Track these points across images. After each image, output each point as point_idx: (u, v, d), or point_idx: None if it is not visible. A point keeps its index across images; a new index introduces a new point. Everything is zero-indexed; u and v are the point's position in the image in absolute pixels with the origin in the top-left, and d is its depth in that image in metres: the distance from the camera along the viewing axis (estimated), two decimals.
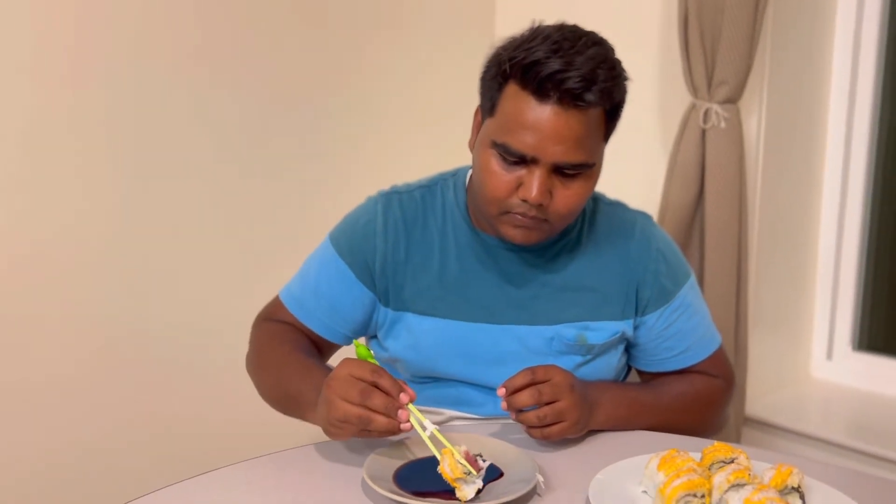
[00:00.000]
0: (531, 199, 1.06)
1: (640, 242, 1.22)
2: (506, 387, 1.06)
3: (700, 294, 1.30)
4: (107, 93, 1.61)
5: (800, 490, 0.93)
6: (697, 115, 1.72)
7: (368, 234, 1.21)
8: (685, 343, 1.25)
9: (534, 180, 1.06)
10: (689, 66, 1.71)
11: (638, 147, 1.93)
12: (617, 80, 1.08)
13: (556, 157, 1.05)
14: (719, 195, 1.72)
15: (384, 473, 0.99)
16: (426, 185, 1.25)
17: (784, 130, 1.81)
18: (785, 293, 1.92)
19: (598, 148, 1.10)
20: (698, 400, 1.25)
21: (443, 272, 1.20)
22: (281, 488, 1.00)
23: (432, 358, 1.21)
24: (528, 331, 1.19)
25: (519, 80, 1.05)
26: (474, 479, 0.95)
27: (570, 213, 1.11)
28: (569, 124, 1.04)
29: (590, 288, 1.21)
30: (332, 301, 1.23)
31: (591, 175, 1.11)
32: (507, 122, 1.06)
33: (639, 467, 1.00)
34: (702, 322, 1.27)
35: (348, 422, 0.97)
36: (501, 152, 1.08)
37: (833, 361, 1.98)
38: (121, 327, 1.68)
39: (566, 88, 1.02)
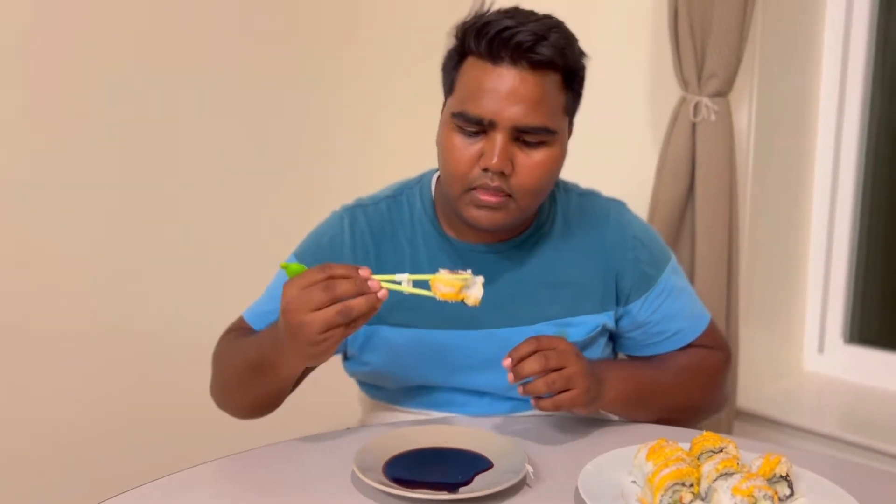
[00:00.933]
0: (492, 166, 1.04)
1: (616, 231, 1.21)
2: (511, 356, 1.04)
3: (683, 274, 1.28)
4: (90, 100, 1.60)
5: (788, 478, 0.93)
6: (687, 108, 1.72)
7: (336, 248, 1.18)
8: (675, 325, 1.24)
9: (494, 146, 1.04)
10: (678, 60, 1.71)
11: (628, 140, 1.94)
12: (571, 43, 1.08)
13: (514, 119, 1.04)
14: (709, 188, 1.72)
15: (374, 465, 0.99)
16: (391, 195, 1.22)
17: (774, 123, 1.82)
18: (776, 286, 1.92)
19: (558, 115, 1.08)
20: (701, 371, 1.24)
21: (415, 282, 1.17)
22: (271, 481, 1.00)
23: (414, 368, 1.18)
24: (509, 332, 1.16)
25: (473, 48, 1.06)
26: (472, 280, 0.97)
27: (534, 187, 1.08)
28: (524, 85, 1.03)
29: (567, 282, 1.19)
30: None
31: (554, 146, 1.08)
32: (465, 91, 1.07)
33: (628, 457, 1.00)
34: (689, 301, 1.26)
35: (330, 326, 0.93)
36: (460, 123, 1.07)
37: (824, 354, 1.98)
38: (111, 323, 1.68)
39: (517, 42, 1.02)
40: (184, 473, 1.00)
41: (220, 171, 1.78)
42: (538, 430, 1.13)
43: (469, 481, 0.97)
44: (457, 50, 1.09)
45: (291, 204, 1.87)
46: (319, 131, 1.91)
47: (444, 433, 1.08)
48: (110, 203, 1.66)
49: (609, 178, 1.94)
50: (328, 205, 1.30)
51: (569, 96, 1.10)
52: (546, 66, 1.04)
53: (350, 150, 1.95)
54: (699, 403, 1.26)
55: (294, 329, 0.95)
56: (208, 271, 1.79)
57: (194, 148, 1.75)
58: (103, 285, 1.66)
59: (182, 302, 1.77)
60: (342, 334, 0.94)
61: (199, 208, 1.77)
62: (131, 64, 1.64)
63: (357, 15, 1.93)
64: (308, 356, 0.98)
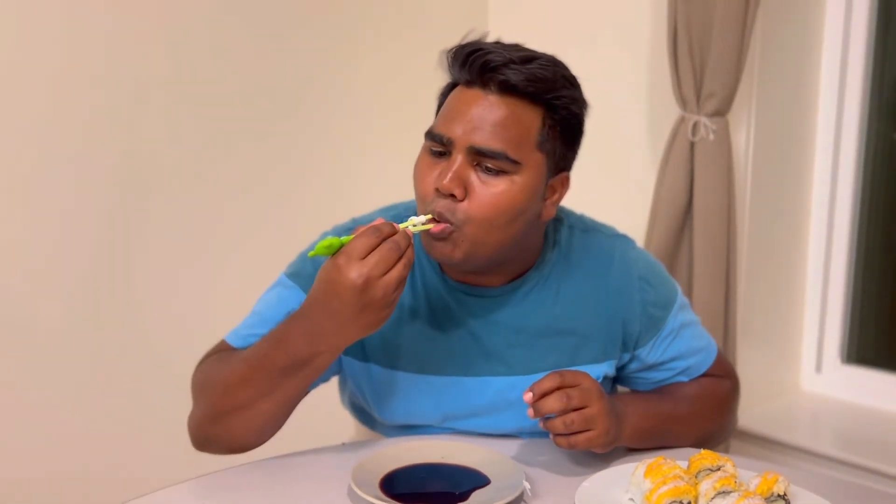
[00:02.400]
0: (441, 186, 1.00)
1: (621, 272, 1.15)
2: (532, 391, 1.00)
3: (689, 306, 1.25)
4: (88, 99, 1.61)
5: (786, 497, 0.93)
6: (686, 127, 1.73)
7: None
8: (685, 363, 1.20)
9: (449, 167, 1.01)
10: (677, 79, 1.72)
11: (627, 159, 1.95)
12: (556, 79, 1.03)
13: (471, 139, 1.00)
14: (708, 207, 1.73)
15: (370, 480, 0.99)
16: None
17: (772, 143, 1.83)
18: (774, 305, 1.92)
19: (526, 147, 1.02)
20: (712, 400, 1.22)
21: (413, 322, 1.12)
22: (268, 495, 0.99)
23: (405, 410, 1.14)
24: (504, 383, 1.12)
25: (452, 73, 1.06)
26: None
27: (485, 218, 1.00)
28: (489, 107, 1.00)
29: (568, 331, 1.13)
30: None
31: (516, 179, 1.01)
32: (440, 114, 1.06)
33: (625, 475, 1.00)
34: (697, 336, 1.23)
35: (402, 280, 0.93)
36: (428, 143, 1.05)
37: (822, 374, 1.98)
38: (106, 324, 1.67)
39: (483, 62, 1.00)
40: (175, 488, 1.00)
41: (219, 175, 1.79)
42: (536, 446, 1.13)
43: (466, 497, 0.96)
44: (449, 81, 1.08)
45: (292, 208, 1.88)
46: (321, 138, 1.91)
47: (441, 449, 1.07)
48: (107, 204, 1.66)
49: (607, 196, 1.95)
50: (327, 206, 1.28)
51: (547, 134, 1.03)
52: (514, 90, 1.00)
53: (351, 157, 1.96)
54: (712, 433, 1.23)
55: (369, 299, 0.92)
56: (207, 274, 1.79)
57: (194, 151, 1.75)
58: (99, 285, 1.66)
59: (179, 305, 1.76)
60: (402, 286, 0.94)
61: (198, 212, 1.77)
62: (130, 63, 1.64)
63: (366, 17, 1.94)
64: (378, 321, 0.95)
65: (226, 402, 1.04)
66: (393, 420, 1.16)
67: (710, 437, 1.24)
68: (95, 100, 1.61)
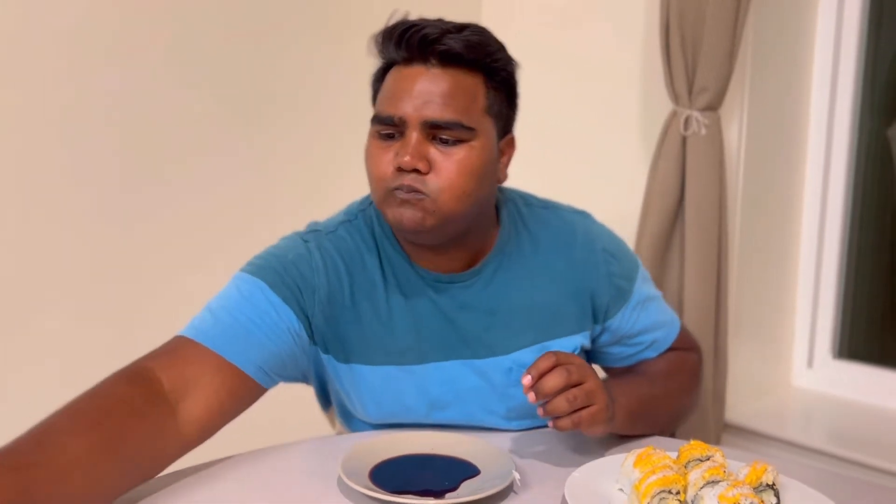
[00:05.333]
0: (403, 164, 1.00)
1: (584, 246, 1.17)
2: (530, 372, 0.97)
3: (651, 280, 1.26)
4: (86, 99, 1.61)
5: (774, 487, 0.93)
6: (678, 122, 1.73)
7: (304, 270, 1.07)
8: (652, 335, 1.23)
9: (406, 144, 1.02)
10: (670, 74, 1.73)
11: (619, 153, 1.95)
12: (488, 42, 1.05)
13: (424, 114, 1.01)
14: (700, 202, 1.73)
15: (360, 470, 0.99)
16: (346, 220, 1.15)
17: (764, 138, 1.83)
18: (765, 301, 1.93)
19: (476, 114, 1.04)
20: (682, 374, 1.24)
21: (391, 315, 1.11)
22: (256, 486, 0.99)
23: (391, 405, 1.13)
24: (486, 364, 1.12)
25: (387, 54, 1.06)
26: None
27: (453, 186, 1.02)
28: (434, 80, 1.02)
29: (540, 306, 1.14)
30: (261, 334, 1.03)
31: (474, 145, 1.04)
32: (382, 97, 1.07)
33: (615, 465, 0.99)
34: (661, 308, 1.25)
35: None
36: (377, 127, 1.06)
37: (813, 369, 1.99)
38: (103, 323, 1.67)
39: (422, 36, 1.01)
40: (163, 480, 0.99)
41: (217, 172, 1.78)
42: (526, 437, 1.13)
43: (456, 488, 0.96)
44: (381, 63, 1.09)
45: (290, 205, 1.87)
46: (317, 135, 1.91)
47: (431, 440, 1.07)
48: (105, 201, 1.66)
49: (599, 190, 1.96)
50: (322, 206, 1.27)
51: (492, 97, 1.06)
52: (456, 60, 1.02)
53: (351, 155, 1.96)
54: (686, 407, 1.25)
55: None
56: (206, 273, 1.79)
57: (192, 148, 1.75)
58: (97, 283, 1.66)
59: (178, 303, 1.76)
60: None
61: (195, 210, 1.77)
62: (129, 63, 1.64)
63: (363, 14, 1.94)
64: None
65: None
66: (381, 416, 1.15)
67: (685, 412, 1.26)
68: (94, 96, 1.61)
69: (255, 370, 1.03)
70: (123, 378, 0.96)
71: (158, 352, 1.01)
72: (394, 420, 1.15)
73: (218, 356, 1.00)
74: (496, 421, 1.15)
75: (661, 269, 1.79)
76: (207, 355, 1.00)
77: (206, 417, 0.98)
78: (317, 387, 1.21)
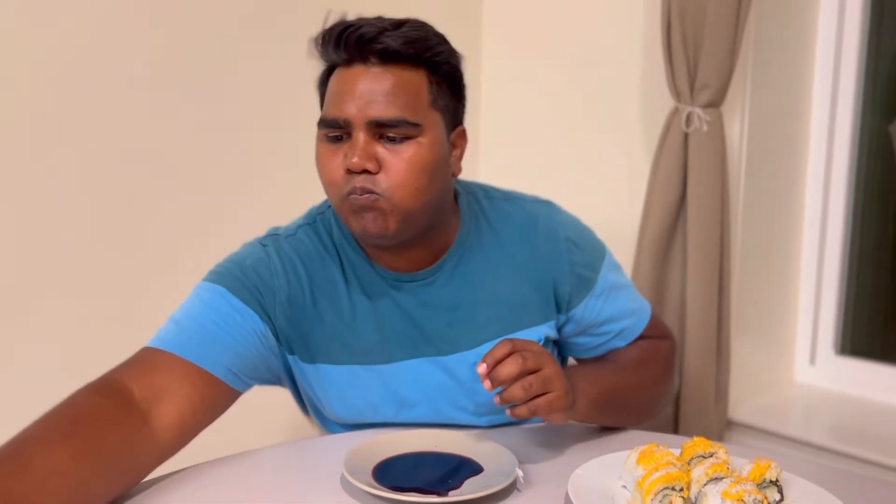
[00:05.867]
0: (351, 165, 1.00)
1: (547, 235, 1.15)
2: (485, 360, 0.96)
3: (620, 268, 1.24)
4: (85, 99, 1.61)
5: (777, 484, 0.93)
6: (680, 118, 1.73)
7: (263, 273, 1.09)
8: (619, 324, 1.21)
9: (354, 146, 1.01)
10: (671, 70, 1.72)
11: (620, 150, 1.95)
12: (428, 36, 1.05)
13: (368, 114, 1.01)
14: (701, 199, 1.73)
15: (363, 469, 0.99)
16: (306, 223, 1.16)
17: (766, 134, 1.83)
18: (768, 297, 1.93)
19: (422, 109, 1.03)
20: (655, 363, 1.21)
21: (353, 315, 1.11)
22: (260, 485, 0.99)
23: (359, 405, 1.13)
24: (451, 360, 1.12)
25: (328, 57, 1.06)
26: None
27: (406, 183, 1.02)
28: (376, 79, 1.01)
29: (502, 298, 1.13)
30: (227, 337, 1.04)
31: (422, 141, 1.03)
32: (326, 100, 1.06)
33: (618, 462, 1.00)
34: (629, 297, 1.22)
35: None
36: (323, 131, 1.05)
37: (816, 366, 1.98)
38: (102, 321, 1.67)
39: (359, 35, 1.01)
40: (163, 482, 0.99)
41: (213, 172, 1.79)
42: (528, 435, 1.13)
43: (459, 485, 0.96)
44: (325, 67, 1.08)
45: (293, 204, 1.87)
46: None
47: (434, 438, 1.08)
48: (103, 202, 1.66)
49: (601, 188, 1.96)
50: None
51: (436, 91, 1.05)
52: (396, 57, 1.02)
53: None
54: (659, 397, 1.23)
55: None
56: None
57: (190, 149, 1.75)
58: (98, 282, 1.66)
59: None
60: None
61: (193, 210, 1.77)
62: (129, 63, 1.64)
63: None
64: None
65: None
66: (349, 416, 1.14)
67: (658, 402, 1.23)
68: (91, 93, 1.61)
69: (224, 372, 1.03)
70: (93, 390, 0.96)
71: (125, 364, 1.01)
72: (362, 420, 1.15)
73: (186, 361, 1.01)
74: (465, 417, 1.15)
75: (663, 266, 1.79)
76: (175, 362, 1.00)
77: (179, 423, 0.98)
78: (292, 389, 1.21)
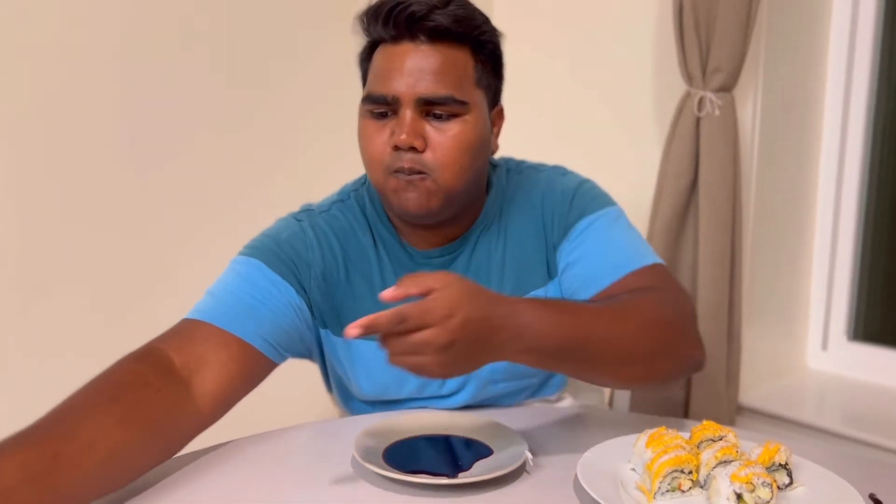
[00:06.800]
0: (399, 142, 1.01)
1: (546, 192, 1.16)
2: (385, 296, 0.86)
3: (629, 226, 1.16)
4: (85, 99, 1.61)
5: (787, 467, 0.93)
6: (692, 103, 1.72)
7: (298, 247, 1.11)
8: (598, 265, 1.10)
9: (401, 123, 1.02)
10: (683, 54, 1.71)
11: (631, 135, 1.94)
12: (473, 15, 1.05)
13: (416, 91, 1.02)
14: (713, 184, 1.72)
15: (374, 451, 0.99)
16: (339, 199, 1.17)
17: (779, 118, 1.81)
18: (780, 283, 1.92)
19: (468, 87, 1.05)
20: (641, 312, 1.01)
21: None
22: (270, 467, 1.00)
23: (387, 382, 1.14)
24: None
25: (374, 33, 1.06)
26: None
27: (452, 161, 1.03)
28: (424, 56, 1.03)
29: (514, 265, 1.15)
30: (265, 309, 1.05)
31: (468, 119, 1.05)
32: (372, 76, 1.07)
33: (627, 446, 1.00)
34: (623, 244, 1.12)
35: None
36: (369, 107, 1.06)
37: (828, 352, 1.98)
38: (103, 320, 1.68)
39: (409, 13, 1.02)
40: (175, 463, 1.00)
41: (223, 162, 1.79)
42: (538, 419, 1.13)
43: (468, 467, 0.97)
44: (367, 42, 1.09)
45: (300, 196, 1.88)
46: (321, 128, 1.91)
47: (444, 420, 1.08)
48: (107, 196, 1.67)
49: (612, 172, 1.95)
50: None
51: (480, 69, 1.07)
52: (445, 35, 1.03)
53: None
54: (639, 355, 1.00)
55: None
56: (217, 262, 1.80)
57: (200, 136, 1.75)
58: (104, 278, 1.67)
59: None
60: None
61: (196, 208, 1.78)
62: (129, 56, 1.65)
63: None
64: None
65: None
66: (375, 392, 1.16)
67: (638, 360, 1.00)
68: (93, 89, 1.61)
69: (262, 343, 1.04)
70: (134, 358, 0.98)
71: (166, 334, 1.03)
72: (387, 396, 1.16)
73: (224, 331, 1.02)
74: (493, 387, 1.16)
75: (675, 250, 1.78)
76: (214, 332, 1.02)
77: (218, 392, 0.99)
78: (320, 364, 1.23)
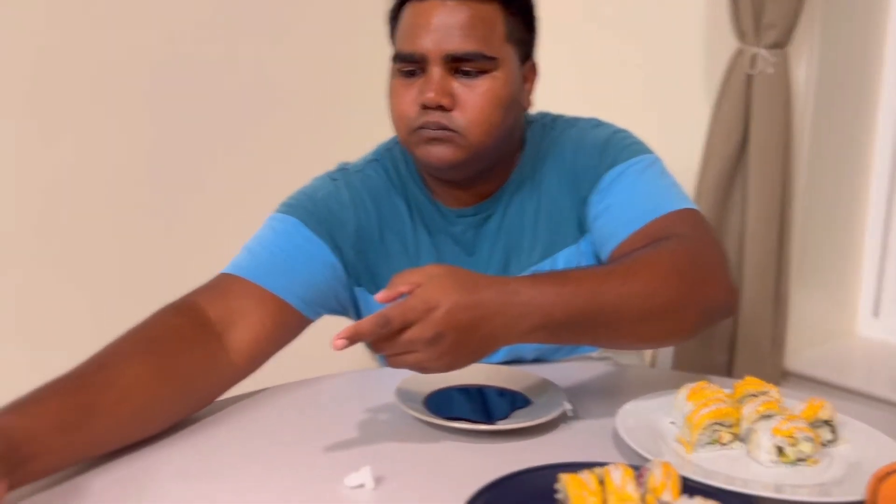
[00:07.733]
0: (427, 100, 1.01)
1: (577, 145, 1.12)
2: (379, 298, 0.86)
3: (661, 173, 1.10)
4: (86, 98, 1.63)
5: (831, 423, 0.92)
6: (743, 60, 1.68)
7: (333, 206, 1.11)
8: (625, 212, 1.05)
9: (429, 80, 1.02)
10: (736, 9, 1.67)
11: (680, 92, 1.90)
12: None
13: (445, 48, 1.01)
14: (764, 144, 1.68)
15: (415, 398, 1.00)
16: (373, 159, 1.17)
17: (835, 77, 1.76)
18: (831, 247, 1.88)
19: (497, 43, 1.03)
20: (647, 260, 0.93)
21: (417, 250, 1.13)
22: (312, 411, 1.02)
23: None
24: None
25: None
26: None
27: (480, 119, 1.03)
28: (451, 12, 1.01)
29: (547, 223, 1.13)
30: (300, 266, 1.06)
31: (497, 75, 1.03)
32: (400, 34, 1.06)
33: (668, 401, 0.99)
34: (651, 191, 1.07)
35: None
36: (398, 66, 1.06)
37: (879, 318, 1.94)
38: None
39: None
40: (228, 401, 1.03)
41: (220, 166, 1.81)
42: (578, 372, 1.13)
43: (507, 417, 0.97)
44: (393, 6, 1.09)
45: None
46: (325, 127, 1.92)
47: (483, 372, 1.08)
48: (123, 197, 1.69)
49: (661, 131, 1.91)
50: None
51: (511, 24, 1.05)
52: None
53: None
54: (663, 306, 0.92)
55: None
56: None
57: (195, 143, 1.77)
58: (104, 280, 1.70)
59: None
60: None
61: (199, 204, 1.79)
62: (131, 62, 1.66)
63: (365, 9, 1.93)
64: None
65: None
66: None
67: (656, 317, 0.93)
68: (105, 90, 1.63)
69: (297, 300, 1.05)
70: (171, 310, 0.99)
71: (202, 288, 1.03)
72: None
73: (261, 288, 1.03)
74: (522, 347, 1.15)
75: (723, 211, 1.75)
76: (250, 288, 1.03)
77: (253, 346, 1.01)
78: (356, 321, 1.22)
